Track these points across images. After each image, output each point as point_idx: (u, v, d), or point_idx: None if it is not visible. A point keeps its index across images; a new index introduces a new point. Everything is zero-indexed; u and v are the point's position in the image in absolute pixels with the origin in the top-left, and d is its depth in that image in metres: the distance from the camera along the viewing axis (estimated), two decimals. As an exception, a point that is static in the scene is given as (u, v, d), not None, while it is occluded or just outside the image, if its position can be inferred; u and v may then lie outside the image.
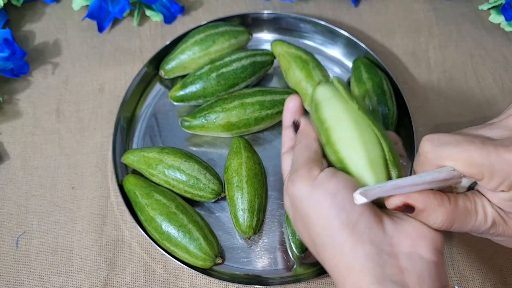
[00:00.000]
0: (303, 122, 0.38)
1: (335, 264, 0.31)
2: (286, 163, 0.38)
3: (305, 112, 0.41)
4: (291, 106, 0.39)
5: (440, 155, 0.30)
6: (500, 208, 0.31)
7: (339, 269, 0.30)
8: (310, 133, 0.36)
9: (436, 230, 0.31)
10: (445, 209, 0.30)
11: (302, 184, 0.32)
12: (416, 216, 0.31)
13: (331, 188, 0.31)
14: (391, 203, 0.31)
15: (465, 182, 0.32)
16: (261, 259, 0.48)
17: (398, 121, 0.53)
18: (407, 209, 0.30)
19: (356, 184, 0.32)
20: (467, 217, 0.31)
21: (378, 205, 0.33)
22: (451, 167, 0.30)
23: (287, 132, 0.39)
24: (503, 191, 0.30)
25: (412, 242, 0.30)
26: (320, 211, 0.31)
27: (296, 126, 0.38)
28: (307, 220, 0.32)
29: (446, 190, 0.33)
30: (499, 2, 0.62)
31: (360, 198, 0.29)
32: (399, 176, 0.33)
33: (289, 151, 0.38)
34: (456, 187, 0.33)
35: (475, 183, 0.32)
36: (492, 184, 0.29)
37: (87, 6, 0.63)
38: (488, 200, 0.31)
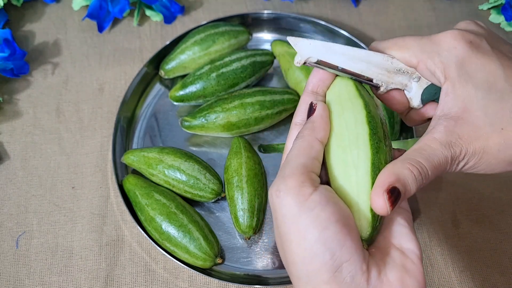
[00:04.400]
0: (319, 111, 0.32)
1: None
2: (292, 137, 0.33)
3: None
4: (322, 72, 0.34)
5: (384, 46, 0.34)
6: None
7: None
8: (319, 129, 0.31)
9: (422, 279, 0.29)
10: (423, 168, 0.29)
11: (289, 200, 0.28)
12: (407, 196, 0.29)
13: (322, 218, 0.27)
14: (376, 200, 0.28)
15: (415, 88, 0.35)
16: (261, 259, 0.48)
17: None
18: (395, 194, 0.28)
19: (351, 219, 0.29)
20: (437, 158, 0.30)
21: (368, 242, 0.30)
22: (389, 55, 0.33)
23: (306, 99, 0.34)
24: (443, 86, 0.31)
25: None
26: (303, 242, 0.27)
27: (310, 110, 0.32)
28: (286, 244, 0.28)
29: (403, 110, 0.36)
30: (499, 2, 0.62)
31: (293, 43, 0.31)
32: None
33: (301, 124, 0.33)
34: (410, 100, 0.35)
35: (427, 95, 0.35)
36: (429, 66, 0.32)
37: (87, 6, 0.63)
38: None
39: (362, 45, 0.57)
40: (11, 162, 0.53)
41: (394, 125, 0.52)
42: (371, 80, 0.34)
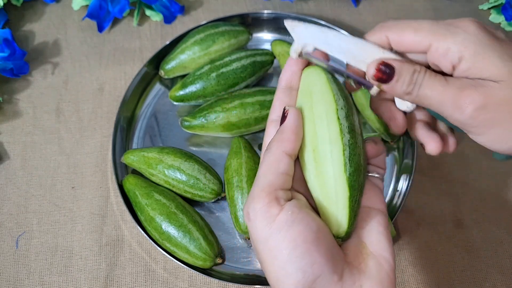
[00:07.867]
0: (290, 120, 0.31)
1: None
2: (269, 134, 0.32)
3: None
4: (294, 65, 0.33)
5: (398, 28, 0.31)
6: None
7: None
8: (287, 141, 0.30)
9: (394, 280, 0.29)
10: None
11: (258, 223, 0.28)
12: (396, 83, 0.30)
13: (290, 238, 0.27)
14: (370, 71, 0.30)
15: None
16: (261, 259, 0.48)
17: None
18: (387, 72, 0.30)
19: (321, 231, 0.29)
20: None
21: (345, 238, 0.31)
22: (383, 47, 0.32)
23: (280, 96, 0.33)
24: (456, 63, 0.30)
25: None
26: (275, 262, 0.28)
27: (283, 117, 0.31)
28: (261, 262, 0.29)
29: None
30: (499, 2, 0.62)
31: (290, 27, 0.32)
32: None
33: (277, 121, 0.33)
34: (400, 103, 0.33)
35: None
36: (441, 46, 0.30)
37: (87, 6, 0.63)
38: None
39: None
40: (11, 162, 0.53)
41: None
42: (364, 78, 0.33)
